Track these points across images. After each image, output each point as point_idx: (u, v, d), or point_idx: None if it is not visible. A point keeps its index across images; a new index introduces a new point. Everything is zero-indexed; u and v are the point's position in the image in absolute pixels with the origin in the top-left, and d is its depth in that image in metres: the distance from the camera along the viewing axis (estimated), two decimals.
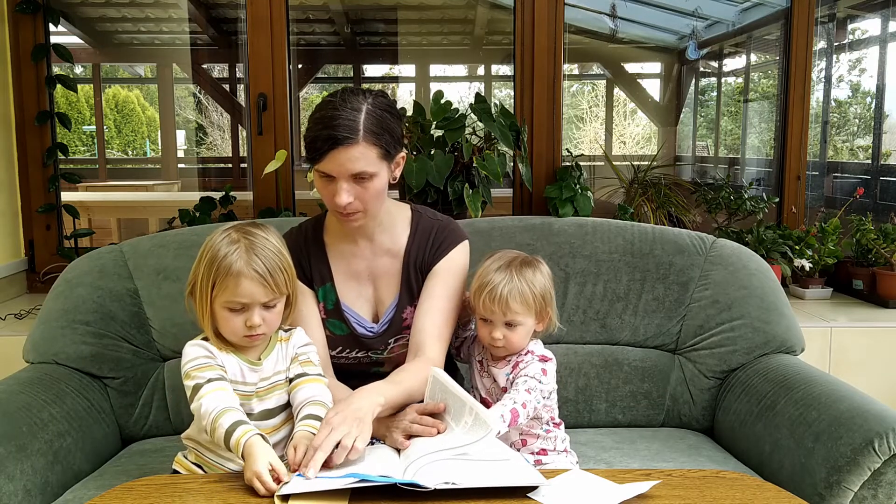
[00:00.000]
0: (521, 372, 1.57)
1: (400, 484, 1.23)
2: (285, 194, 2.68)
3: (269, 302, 1.44)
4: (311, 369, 1.52)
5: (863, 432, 1.52)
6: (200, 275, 1.44)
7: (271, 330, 1.49)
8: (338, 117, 1.48)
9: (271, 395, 1.50)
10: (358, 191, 1.52)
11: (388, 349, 1.68)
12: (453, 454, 1.34)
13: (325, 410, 1.43)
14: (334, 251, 1.69)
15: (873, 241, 2.67)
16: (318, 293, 1.68)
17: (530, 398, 1.52)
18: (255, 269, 1.40)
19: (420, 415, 1.46)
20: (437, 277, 1.66)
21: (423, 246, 1.68)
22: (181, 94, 8.01)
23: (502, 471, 1.30)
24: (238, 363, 1.48)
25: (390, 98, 1.59)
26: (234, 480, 1.33)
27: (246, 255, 1.41)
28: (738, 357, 1.99)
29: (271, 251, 1.44)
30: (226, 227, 1.48)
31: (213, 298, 1.43)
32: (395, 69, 7.84)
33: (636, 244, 2.11)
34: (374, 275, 1.69)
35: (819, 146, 4.05)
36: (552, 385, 1.60)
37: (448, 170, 2.31)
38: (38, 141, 2.74)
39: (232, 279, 1.40)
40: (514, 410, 1.48)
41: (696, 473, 1.37)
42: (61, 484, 1.66)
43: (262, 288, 1.41)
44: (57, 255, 2.78)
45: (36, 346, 1.92)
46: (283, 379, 1.52)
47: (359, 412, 1.36)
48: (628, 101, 6.68)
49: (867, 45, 4.33)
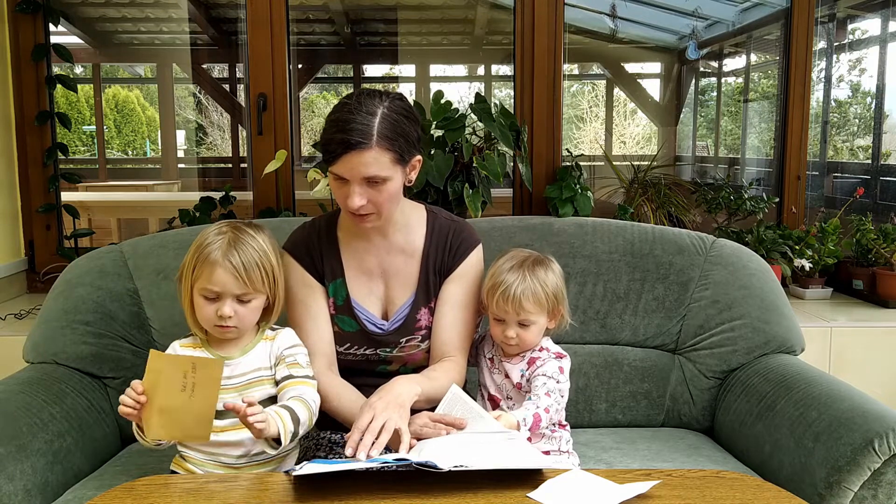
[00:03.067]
0: (538, 370, 1.58)
1: (415, 464, 1.25)
2: (285, 194, 2.68)
3: (242, 296, 1.48)
4: (297, 371, 1.53)
5: (863, 432, 1.52)
6: (187, 259, 1.50)
7: (244, 325, 1.51)
8: (352, 121, 1.48)
9: (250, 392, 1.51)
10: (371, 194, 1.52)
11: (398, 348, 1.68)
12: (469, 441, 1.36)
13: (303, 407, 1.45)
14: (347, 247, 1.69)
15: (873, 241, 2.67)
16: (329, 289, 1.68)
17: (551, 402, 1.53)
18: (230, 261, 1.45)
19: (433, 423, 1.47)
20: (456, 283, 1.68)
21: (442, 248, 1.69)
22: (181, 94, 8.00)
23: (513, 453, 1.31)
24: None
25: (407, 101, 1.58)
26: (235, 480, 1.34)
27: (226, 247, 1.47)
28: (738, 357, 1.99)
29: (253, 248, 1.48)
30: (225, 222, 1.54)
31: (193, 283, 1.48)
32: (395, 69, 7.84)
33: (636, 244, 2.11)
34: (387, 273, 1.69)
35: (819, 146, 4.05)
36: (567, 385, 1.60)
37: (448, 170, 2.31)
38: (38, 141, 2.74)
39: (208, 266, 1.46)
40: (537, 415, 1.49)
41: (696, 473, 1.37)
42: (61, 484, 1.66)
43: (235, 280, 1.45)
44: (57, 255, 2.78)
45: (36, 346, 1.92)
46: (265, 376, 1.53)
47: (400, 398, 1.45)
48: (628, 101, 6.68)
49: (867, 45, 4.33)
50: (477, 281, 1.70)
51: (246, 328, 1.52)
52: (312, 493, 1.25)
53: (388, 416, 1.40)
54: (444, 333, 1.67)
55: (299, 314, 1.67)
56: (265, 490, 1.29)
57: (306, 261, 1.68)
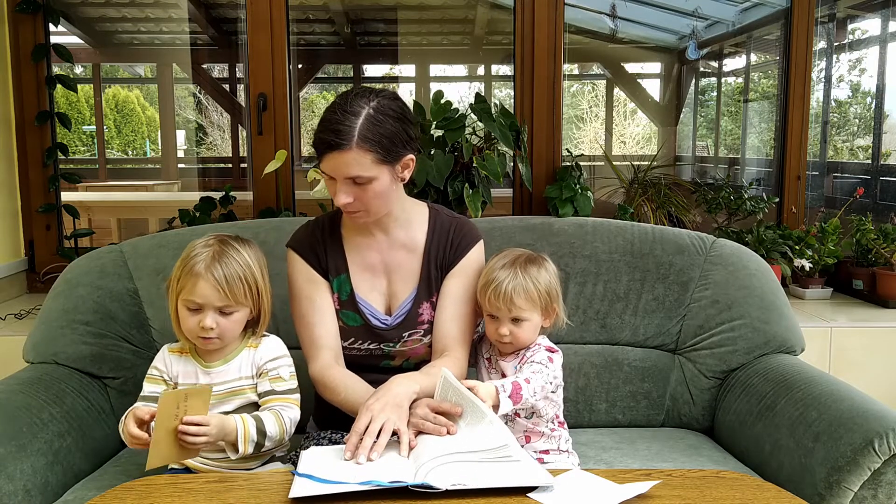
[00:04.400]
0: (527, 360, 1.59)
1: (411, 486, 1.24)
2: (285, 194, 2.68)
3: (224, 308, 1.49)
4: (280, 385, 1.54)
5: (863, 432, 1.52)
6: (174, 271, 1.52)
7: (225, 337, 1.52)
8: (335, 121, 1.51)
9: (232, 400, 1.54)
10: (357, 192, 1.54)
11: (400, 342, 1.69)
12: (464, 458, 1.33)
13: (273, 420, 1.49)
14: (350, 243, 1.71)
15: (873, 241, 2.67)
16: (333, 284, 1.69)
17: (534, 376, 1.52)
18: (213, 274, 1.47)
19: (432, 411, 1.46)
20: (457, 278, 1.70)
21: (443, 243, 1.70)
22: (181, 94, 8.00)
23: (511, 472, 1.30)
24: (195, 366, 1.55)
25: (399, 101, 1.58)
26: (235, 480, 1.34)
27: (210, 260, 1.48)
28: (738, 357, 1.99)
29: (237, 262, 1.50)
30: (213, 235, 1.56)
31: (178, 294, 1.51)
32: (395, 69, 7.84)
33: (636, 244, 2.11)
34: (389, 268, 1.70)
35: (819, 146, 4.05)
36: (559, 376, 1.61)
37: (448, 170, 2.31)
38: (38, 141, 2.74)
39: (192, 278, 1.48)
40: (516, 383, 1.49)
41: (696, 473, 1.37)
42: (61, 484, 1.66)
43: (217, 293, 1.47)
44: (57, 255, 2.78)
45: (36, 346, 1.92)
46: (246, 385, 1.55)
47: (397, 398, 1.45)
48: (628, 101, 6.68)
49: (867, 45, 4.33)
50: (478, 276, 1.70)
51: (228, 340, 1.54)
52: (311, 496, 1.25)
53: (387, 416, 1.40)
54: (444, 327, 1.68)
55: (305, 309, 1.68)
56: (265, 490, 1.29)
57: (310, 257, 1.69)
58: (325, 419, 1.73)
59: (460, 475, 1.27)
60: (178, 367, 1.57)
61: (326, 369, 1.62)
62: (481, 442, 1.35)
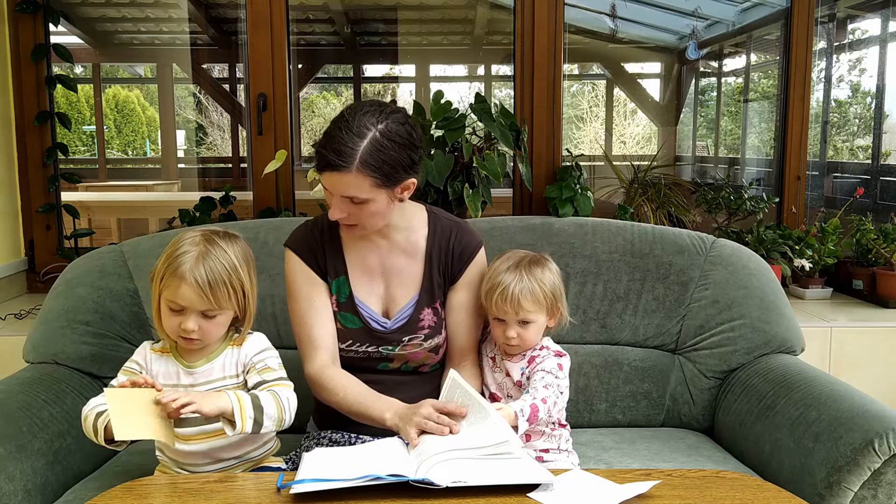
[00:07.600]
0: (537, 367, 1.59)
1: (412, 481, 1.24)
2: (285, 194, 2.68)
3: (207, 311, 1.45)
4: (270, 375, 1.52)
5: (863, 432, 1.52)
6: (158, 264, 1.48)
7: (208, 339, 1.49)
8: (339, 140, 1.49)
9: None
10: (352, 209, 1.54)
11: (400, 346, 1.68)
12: (465, 455, 1.34)
13: (270, 398, 1.44)
14: (349, 245, 1.70)
15: (873, 241, 2.67)
16: (332, 286, 1.69)
17: (549, 394, 1.53)
18: (196, 279, 1.42)
19: (437, 412, 1.46)
20: (465, 290, 1.71)
21: (445, 251, 1.70)
22: (181, 94, 8.00)
23: (511, 469, 1.30)
24: (176, 367, 1.52)
25: (407, 124, 1.54)
26: (234, 480, 1.34)
27: (194, 262, 1.43)
28: (738, 357, 1.99)
29: (222, 265, 1.45)
30: (203, 228, 1.52)
31: (161, 292, 1.47)
32: (395, 69, 7.84)
33: (636, 244, 2.11)
34: (388, 272, 1.70)
35: (819, 146, 4.05)
36: (566, 382, 1.61)
37: (448, 170, 2.31)
38: (38, 141, 2.74)
39: (175, 280, 1.43)
40: (534, 406, 1.49)
41: (696, 473, 1.37)
42: (61, 484, 1.66)
43: (200, 297, 1.43)
44: (57, 255, 2.78)
45: (36, 346, 1.92)
46: (230, 384, 1.52)
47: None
48: (628, 101, 6.68)
49: (867, 45, 4.33)
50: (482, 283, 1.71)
51: (210, 341, 1.51)
52: (312, 493, 1.25)
53: None
54: (461, 339, 1.71)
55: (303, 309, 1.67)
56: (265, 490, 1.29)
57: (309, 257, 1.68)
58: (325, 419, 1.73)
59: (461, 472, 1.27)
60: (159, 366, 1.52)
61: (324, 370, 1.62)
62: (483, 439, 1.36)
